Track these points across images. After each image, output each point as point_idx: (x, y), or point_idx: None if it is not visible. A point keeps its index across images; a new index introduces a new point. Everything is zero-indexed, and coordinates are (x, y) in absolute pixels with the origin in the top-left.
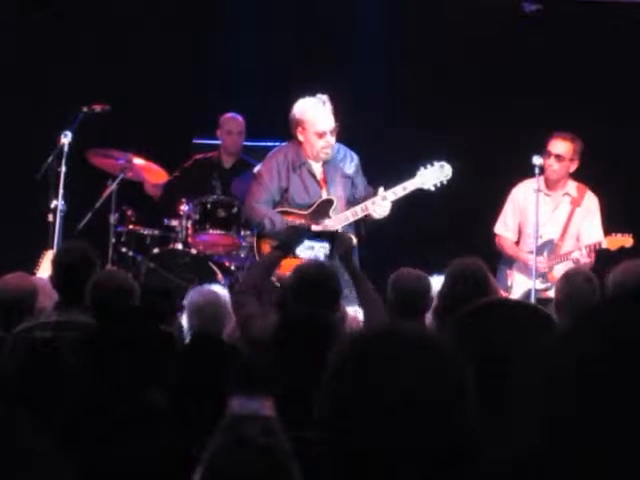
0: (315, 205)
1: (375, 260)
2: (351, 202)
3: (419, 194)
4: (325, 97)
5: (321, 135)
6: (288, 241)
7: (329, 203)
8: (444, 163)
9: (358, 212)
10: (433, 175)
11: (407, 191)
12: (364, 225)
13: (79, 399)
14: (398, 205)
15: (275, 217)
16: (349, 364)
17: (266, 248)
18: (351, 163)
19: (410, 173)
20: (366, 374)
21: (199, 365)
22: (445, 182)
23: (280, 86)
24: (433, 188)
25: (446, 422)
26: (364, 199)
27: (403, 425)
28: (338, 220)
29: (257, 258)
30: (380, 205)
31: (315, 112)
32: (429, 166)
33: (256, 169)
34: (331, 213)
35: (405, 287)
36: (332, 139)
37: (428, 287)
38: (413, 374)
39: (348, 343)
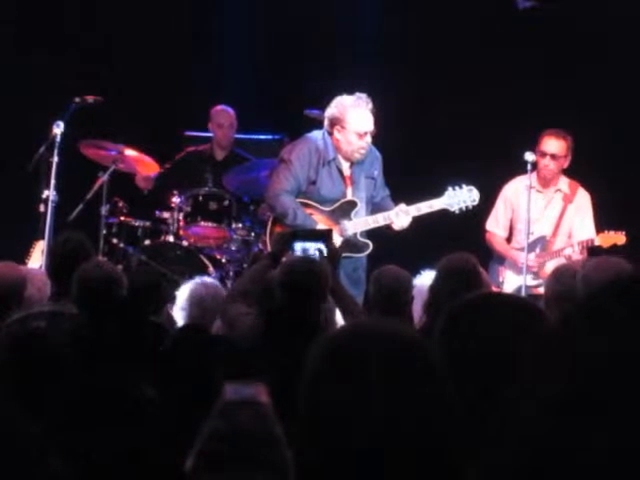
0: (338, 204)
1: (368, 255)
2: (369, 202)
3: (413, 191)
4: (365, 96)
5: (362, 136)
6: (277, 249)
7: (352, 205)
8: (472, 188)
9: (379, 220)
10: (461, 198)
11: (432, 209)
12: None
13: (71, 389)
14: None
15: (299, 211)
16: (324, 364)
17: (278, 231)
18: (377, 164)
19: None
20: (341, 371)
21: (189, 354)
22: (470, 207)
23: (273, 79)
24: (458, 211)
25: (425, 418)
26: (384, 206)
27: (381, 424)
28: (358, 224)
29: (268, 240)
30: (402, 218)
31: (358, 112)
32: (457, 188)
33: (283, 154)
34: (352, 215)
35: (386, 284)
36: (369, 140)
37: (409, 284)
38: (388, 369)
39: (321, 343)
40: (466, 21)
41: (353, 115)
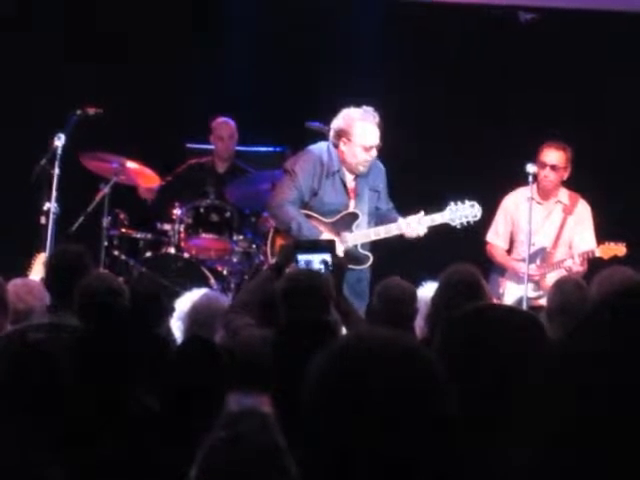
0: (340, 216)
1: (371, 267)
2: (373, 215)
3: (411, 203)
4: (373, 110)
5: (367, 149)
6: (281, 261)
7: (354, 217)
8: (474, 203)
9: (381, 233)
10: (462, 213)
11: (434, 223)
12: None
13: (71, 402)
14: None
15: (303, 222)
16: (326, 372)
17: (280, 242)
18: (381, 176)
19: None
20: (342, 379)
21: (192, 366)
22: (472, 223)
23: (274, 91)
24: (460, 226)
25: (425, 424)
26: (388, 218)
27: (383, 432)
28: (360, 236)
29: (269, 251)
30: (414, 226)
31: (365, 125)
32: (459, 203)
33: (287, 165)
34: (354, 227)
35: (391, 297)
36: (375, 154)
37: (414, 297)
38: (390, 377)
39: (324, 352)
40: (467, 33)
41: (360, 128)
